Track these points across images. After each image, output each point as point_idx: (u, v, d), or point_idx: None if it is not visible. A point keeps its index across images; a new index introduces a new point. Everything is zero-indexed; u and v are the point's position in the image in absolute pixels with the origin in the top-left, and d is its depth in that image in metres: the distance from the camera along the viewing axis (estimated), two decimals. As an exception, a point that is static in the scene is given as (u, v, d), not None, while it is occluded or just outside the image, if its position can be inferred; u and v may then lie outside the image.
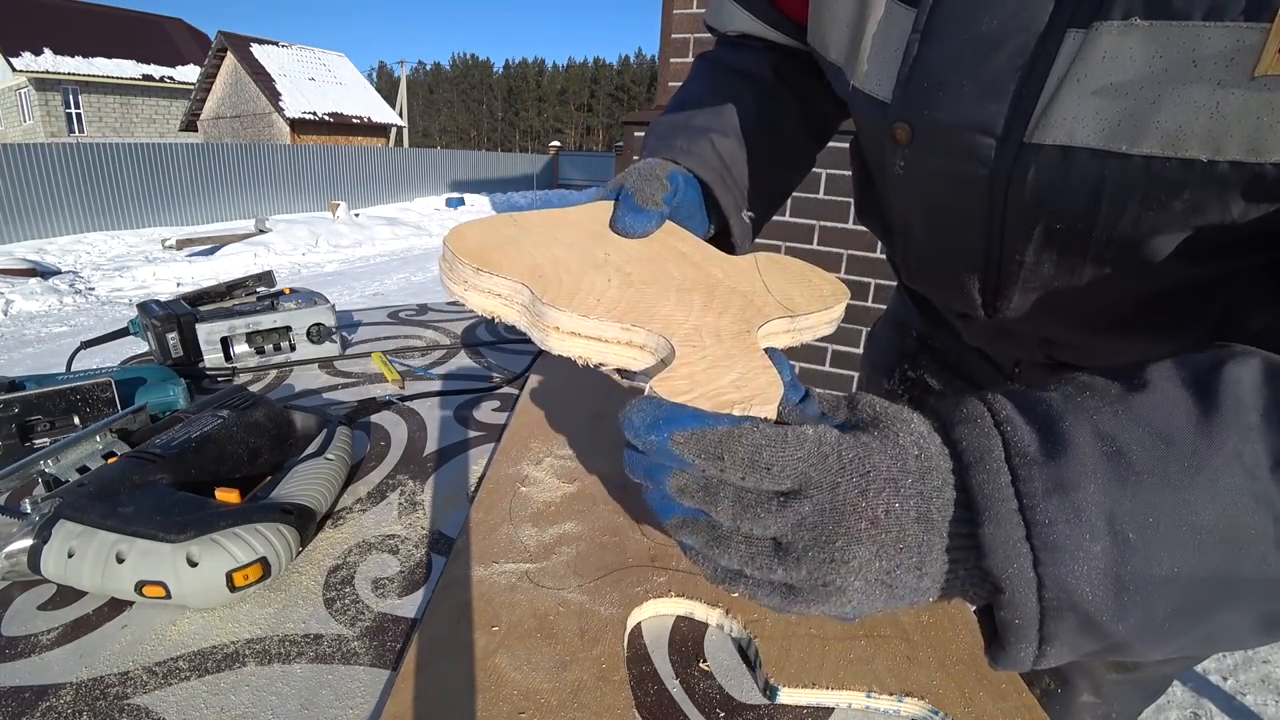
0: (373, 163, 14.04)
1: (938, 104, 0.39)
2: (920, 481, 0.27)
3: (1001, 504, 0.25)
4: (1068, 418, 0.26)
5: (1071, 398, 0.27)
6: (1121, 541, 0.25)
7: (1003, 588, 0.26)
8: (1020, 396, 0.28)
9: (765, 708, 0.33)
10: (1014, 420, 0.27)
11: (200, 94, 19.31)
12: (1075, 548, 0.25)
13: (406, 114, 24.06)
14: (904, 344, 0.71)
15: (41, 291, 5.27)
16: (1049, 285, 0.44)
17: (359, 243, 8.58)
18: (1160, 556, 0.25)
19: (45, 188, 8.79)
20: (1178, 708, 1.47)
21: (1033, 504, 0.25)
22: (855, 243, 2.16)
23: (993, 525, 0.25)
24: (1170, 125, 0.31)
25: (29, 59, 16.66)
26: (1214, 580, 0.25)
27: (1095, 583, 0.25)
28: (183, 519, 0.38)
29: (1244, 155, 0.31)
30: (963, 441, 0.27)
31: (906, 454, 0.27)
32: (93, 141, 10.31)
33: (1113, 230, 0.37)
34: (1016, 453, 0.26)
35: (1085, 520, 0.25)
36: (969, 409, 0.28)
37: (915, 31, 0.39)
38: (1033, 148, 0.36)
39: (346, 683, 0.34)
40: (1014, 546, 0.25)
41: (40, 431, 0.55)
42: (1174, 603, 0.25)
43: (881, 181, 0.50)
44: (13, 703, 0.32)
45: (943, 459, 0.28)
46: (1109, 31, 0.32)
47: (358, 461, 0.55)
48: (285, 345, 0.77)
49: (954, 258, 0.48)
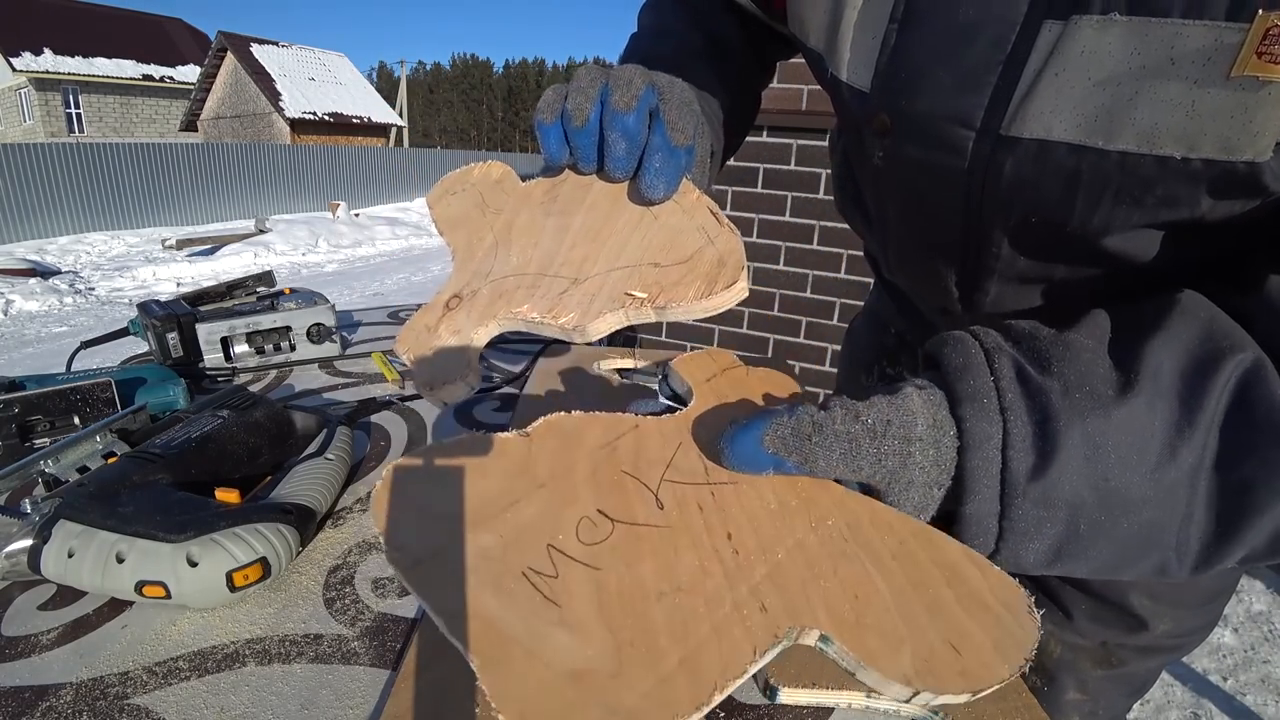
0: (373, 163, 14.02)
1: (916, 94, 0.39)
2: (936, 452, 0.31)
3: (987, 489, 0.29)
4: (1062, 417, 0.29)
5: (1070, 393, 0.30)
6: (1073, 530, 0.29)
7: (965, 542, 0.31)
8: (1025, 378, 0.31)
9: (765, 708, 0.33)
10: (1016, 410, 0.29)
11: (200, 94, 19.30)
12: (1035, 532, 0.29)
13: (406, 114, 24.06)
14: (884, 341, 0.71)
15: (41, 291, 5.26)
16: (1025, 277, 0.44)
17: (359, 243, 8.58)
18: (1098, 543, 0.29)
19: (45, 188, 8.78)
20: (1178, 708, 1.47)
21: (1013, 495, 0.29)
22: (855, 243, 2.17)
23: (974, 504, 0.29)
24: (1146, 122, 0.32)
25: (29, 59, 16.66)
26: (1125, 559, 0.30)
27: (1039, 554, 0.30)
28: (183, 519, 0.38)
29: (1216, 153, 0.31)
30: (967, 421, 0.30)
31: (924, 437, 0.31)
32: (93, 141, 10.31)
33: (1087, 223, 0.37)
34: (1012, 444, 0.29)
35: (1051, 513, 0.29)
36: (976, 382, 0.31)
37: (893, 21, 0.39)
38: (1010, 140, 0.36)
39: (346, 683, 0.34)
40: (986, 524, 0.29)
41: (40, 431, 0.55)
42: (1088, 568, 0.31)
43: (862, 172, 0.50)
44: (13, 703, 0.32)
45: (951, 463, 0.31)
46: (1088, 25, 0.32)
47: (358, 461, 0.55)
48: (285, 345, 0.77)
49: (932, 249, 0.48)
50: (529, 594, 0.26)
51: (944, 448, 0.31)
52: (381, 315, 1.00)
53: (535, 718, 0.22)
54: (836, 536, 0.29)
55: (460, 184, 0.45)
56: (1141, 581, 0.54)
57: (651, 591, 0.27)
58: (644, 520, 0.29)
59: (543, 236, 0.40)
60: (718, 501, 0.30)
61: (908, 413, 0.31)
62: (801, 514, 0.30)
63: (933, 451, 0.30)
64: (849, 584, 0.28)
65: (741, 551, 0.28)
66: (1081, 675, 0.58)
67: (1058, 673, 0.59)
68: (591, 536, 0.28)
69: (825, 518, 0.30)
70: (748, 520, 0.29)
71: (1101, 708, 0.60)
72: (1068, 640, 0.58)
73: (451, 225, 0.42)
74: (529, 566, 0.27)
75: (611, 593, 0.26)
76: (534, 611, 0.25)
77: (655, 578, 0.27)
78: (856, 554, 0.29)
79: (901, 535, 0.30)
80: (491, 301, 0.36)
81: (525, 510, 0.29)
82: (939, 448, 0.31)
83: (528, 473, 0.31)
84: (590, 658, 0.24)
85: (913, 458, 0.30)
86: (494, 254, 0.40)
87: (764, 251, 2.21)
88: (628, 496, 0.30)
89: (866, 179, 0.49)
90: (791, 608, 0.27)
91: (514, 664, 0.24)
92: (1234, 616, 1.76)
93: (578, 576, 0.27)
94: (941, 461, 0.31)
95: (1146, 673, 0.59)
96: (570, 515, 0.29)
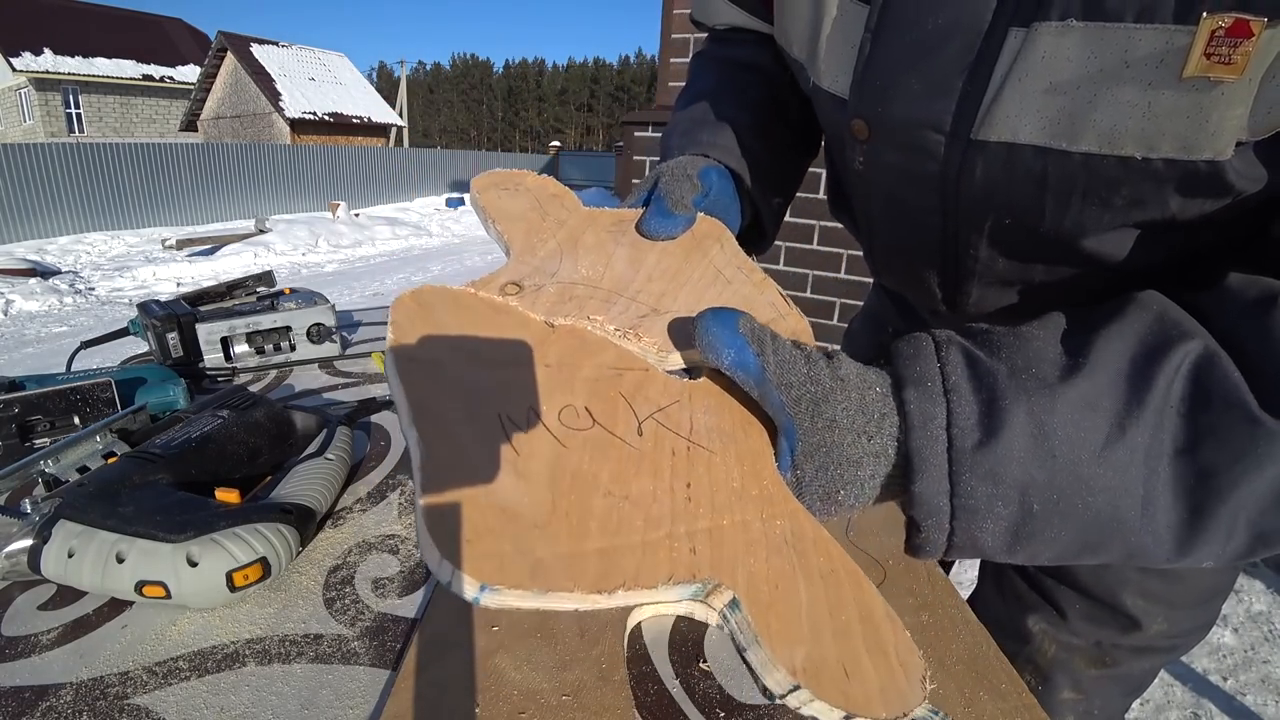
0: (373, 163, 14.03)
1: (890, 101, 0.40)
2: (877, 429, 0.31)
3: (934, 467, 0.29)
4: (1008, 396, 0.29)
5: (1017, 375, 0.30)
6: (1027, 510, 0.29)
7: (921, 529, 0.30)
8: (973, 362, 0.31)
9: (765, 708, 0.33)
10: (960, 390, 0.30)
11: (200, 94, 19.31)
12: (988, 511, 0.29)
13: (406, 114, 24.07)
14: (881, 340, 0.71)
15: (41, 291, 5.26)
16: (1005, 279, 0.45)
17: (359, 243, 8.58)
18: (1054, 523, 0.29)
19: (45, 188, 8.78)
20: (1178, 708, 1.47)
21: (960, 471, 0.29)
22: (855, 243, 2.16)
23: (922, 483, 0.29)
24: (1106, 124, 0.32)
25: (29, 59, 16.67)
26: (1088, 543, 0.30)
27: (997, 535, 0.30)
28: (183, 519, 0.38)
29: (1176, 153, 0.32)
30: (910, 404, 0.30)
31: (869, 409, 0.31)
32: (93, 141, 10.31)
33: (1059, 224, 0.38)
34: (956, 424, 0.29)
35: (1002, 491, 0.29)
36: (923, 367, 0.31)
37: (868, 30, 0.39)
38: (979, 144, 0.37)
39: (346, 683, 0.34)
40: (937, 502, 0.30)
41: (40, 431, 0.55)
42: (1053, 552, 0.30)
43: (846, 177, 0.51)
44: (13, 703, 0.32)
45: (888, 421, 0.31)
46: (1048, 32, 0.32)
47: (358, 461, 0.55)
48: (285, 345, 0.77)
49: (914, 252, 0.49)
50: (495, 432, 0.27)
51: (870, 400, 0.31)
52: (381, 315, 1.00)
53: (455, 526, 0.23)
54: (779, 536, 0.30)
55: (512, 183, 0.46)
56: (1134, 581, 0.54)
57: (601, 487, 0.28)
58: (620, 435, 0.30)
59: (614, 260, 0.41)
60: (690, 456, 0.31)
61: (838, 359, 0.32)
62: (757, 504, 0.31)
63: (856, 395, 0.31)
64: (774, 574, 0.29)
65: (693, 501, 0.29)
66: (1076, 675, 0.59)
67: (1052, 672, 0.59)
68: (571, 422, 0.30)
69: (776, 517, 0.31)
70: (709, 482, 0.31)
71: (1097, 707, 0.60)
72: (1062, 640, 0.58)
73: (508, 218, 0.43)
74: (506, 413, 0.28)
75: (567, 469, 0.28)
76: (493, 446, 0.27)
77: (610, 480, 0.28)
78: (791, 557, 0.30)
79: (835, 565, 0.31)
80: (561, 301, 0.37)
81: (523, 373, 0.31)
82: (865, 396, 0.31)
83: (539, 350, 0.32)
84: (524, 504, 0.25)
85: (834, 394, 0.31)
86: (558, 259, 0.40)
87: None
88: (615, 410, 0.31)
89: (850, 184, 0.51)
90: (718, 563, 0.28)
91: (455, 471, 0.25)
92: (1234, 616, 1.76)
93: (543, 442, 0.28)
94: (868, 410, 0.31)
95: (1142, 673, 0.59)
96: (559, 398, 0.30)
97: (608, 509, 0.27)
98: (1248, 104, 0.29)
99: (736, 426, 0.34)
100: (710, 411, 0.34)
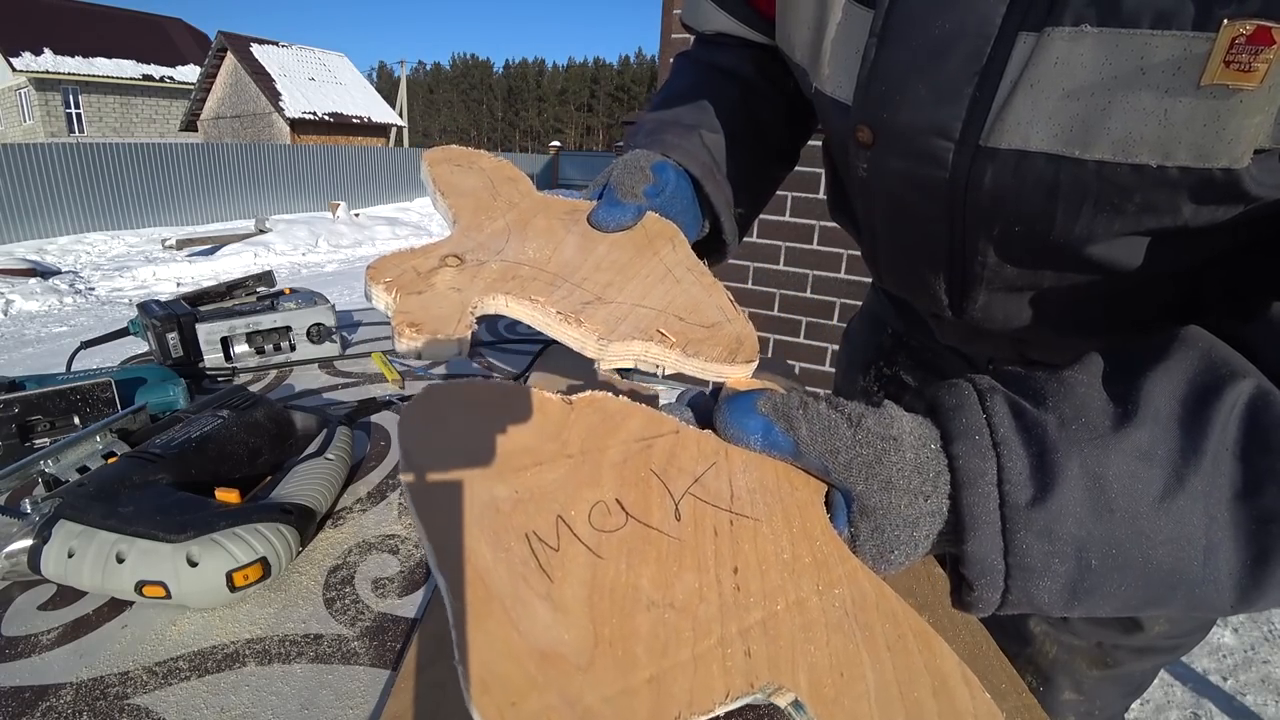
0: (373, 163, 14.01)
1: (896, 107, 0.39)
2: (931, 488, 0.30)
3: (987, 525, 0.28)
4: (1060, 449, 0.28)
5: (1066, 425, 0.29)
6: (1085, 566, 0.28)
7: (974, 587, 0.29)
8: (1019, 412, 0.30)
9: (766, 708, 0.33)
10: (1010, 444, 0.28)
11: (200, 94, 19.30)
12: (1044, 569, 0.28)
13: (406, 114, 24.06)
14: (880, 341, 0.71)
15: (41, 291, 5.26)
16: (1013, 286, 0.44)
17: (359, 243, 8.57)
18: (1114, 578, 0.28)
19: (45, 188, 8.77)
20: (1178, 708, 1.47)
21: (1014, 529, 0.28)
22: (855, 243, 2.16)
23: (975, 543, 0.28)
24: (1120, 131, 0.32)
25: (29, 59, 16.66)
26: (1150, 596, 0.29)
27: (1054, 592, 0.28)
28: (183, 519, 0.38)
29: (1192, 161, 0.31)
30: (959, 459, 0.29)
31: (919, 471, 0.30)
32: (93, 141, 10.30)
33: (1070, 232, 0.38)
34: (1008, 479, 0.28)
35: (1058, 548, 0.27)
36: (968, 419, 0.30)
37: (873, 35, 0.39)
38: (988, 151, 0.37)
39: (346, 683, 0.34)
40: (990, 561, 0.28)
41: (40, 431, 0.55)
42: (1112, 606, 0.29)
43: (848, 182, 0.51)
44: (13, 703, 0.32)
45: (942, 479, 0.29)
46: (1060, 37, 0.32)
47: (358, 461, 0.55)
48: (285, 345, 0.77)
49: (920, 258, 0.48)
50: (525, 557, 0.25)
51: (925, 459, 0.30)
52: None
53: (494, 683, 0.21)
54: (839, 608, 0.28)
55: (467, 161, 0.46)
56: None
57: (644, 598, 0.26)
58: (657, 525, 0.29)
59: (564, 246, 0.41)
60: (734, 532, 0.29)
61: (886, 415, 0.30)
62: (812, 573, 0.29)
63: (911, 455, 0.29)
64: (838, 659, 0.27)
65: (743, 589, 0.28)
66: (1077, 676, 0.58)
67: (1053, 673, 0.59)
68: (603, 523, 0.28)
69: (834, 585, 0.29)
70: (758, 561, 0.29)
71: (1098, 708, 0.60)
72: (1063, 641, 0.58)
73: (456, 192, 0.43)
74: (534, 530, 0.26)
75: (605, 585, 0.26)
76: (525, 576, 0.25)
77: (651, 586, 0.26)
78: (853, 632, 0.28)
79: (903, 630, 0.29)
80: (503, 279, 0.37)
81: (546, 475, 0.29)
82: (920, 455, 0.30)
83: (559, 439, 0.30)
84: (565, 642, 0.23)
85: (888, 454, 0.29)
86: (506, 237, 0.40)
87: (764, 251, 2.20)
88: (649, 496, 0.29)
89: (853, 189, 0.50)
90: (775, 662, 0.26)
91: (490, 620, 0.23)
92: (1234, 617, 1.76)
93: (578, 557, 0.26)
94: (923, 470, 0.29)
95: (1143, 673, 0.59)
96: (588, 495, 0.28)
97: (653, 625, 0.25)
98: (1265, 112, 0.29)
99: (780, 479, 0.32)
100: (750, 467, 0.32)
